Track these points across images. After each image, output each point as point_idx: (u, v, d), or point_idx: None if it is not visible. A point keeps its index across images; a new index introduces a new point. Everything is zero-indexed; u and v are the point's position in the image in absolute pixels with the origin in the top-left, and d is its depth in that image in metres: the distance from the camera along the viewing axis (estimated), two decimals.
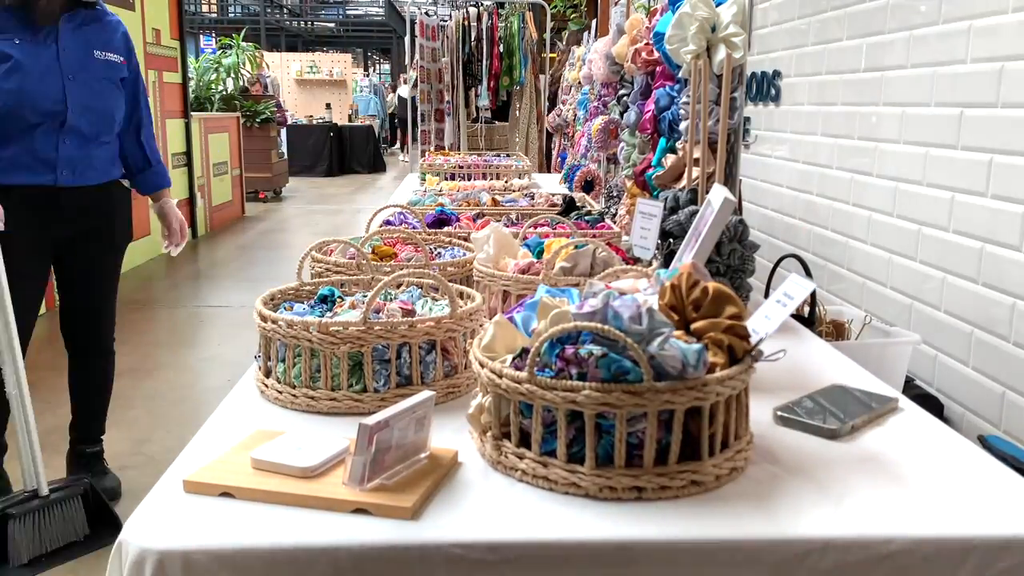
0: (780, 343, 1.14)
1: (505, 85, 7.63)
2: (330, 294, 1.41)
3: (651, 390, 0.93)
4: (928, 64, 2.51)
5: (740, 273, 1.66)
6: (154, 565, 0.87)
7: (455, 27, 7.31)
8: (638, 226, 1.74)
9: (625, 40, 2.48)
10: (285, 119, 12.75)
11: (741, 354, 1.03)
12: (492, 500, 0.98)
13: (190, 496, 0.98)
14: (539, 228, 2.01)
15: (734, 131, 1.75)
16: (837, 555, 0.90)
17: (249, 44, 11.34)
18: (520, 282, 1.54)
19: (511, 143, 7.78)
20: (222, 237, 7.88)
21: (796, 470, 1.06)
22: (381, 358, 1.24)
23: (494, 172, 3.99)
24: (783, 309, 1.11)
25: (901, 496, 1.00)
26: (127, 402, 3.61)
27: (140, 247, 6.48)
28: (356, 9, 23.30)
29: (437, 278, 1.33)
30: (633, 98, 2.43)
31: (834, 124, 3.10)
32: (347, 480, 0.96)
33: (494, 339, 1.09)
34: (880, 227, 2.76)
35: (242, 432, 1.13)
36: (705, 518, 0.94)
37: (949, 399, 2.40)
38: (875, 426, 1.21)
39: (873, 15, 2.83)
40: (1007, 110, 2.16)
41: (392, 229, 1.91)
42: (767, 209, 3.72)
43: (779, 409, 1.23)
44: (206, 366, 4.17)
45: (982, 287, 2.25)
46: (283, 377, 1.27)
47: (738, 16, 1.62)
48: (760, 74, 3.74)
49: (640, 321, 0.95)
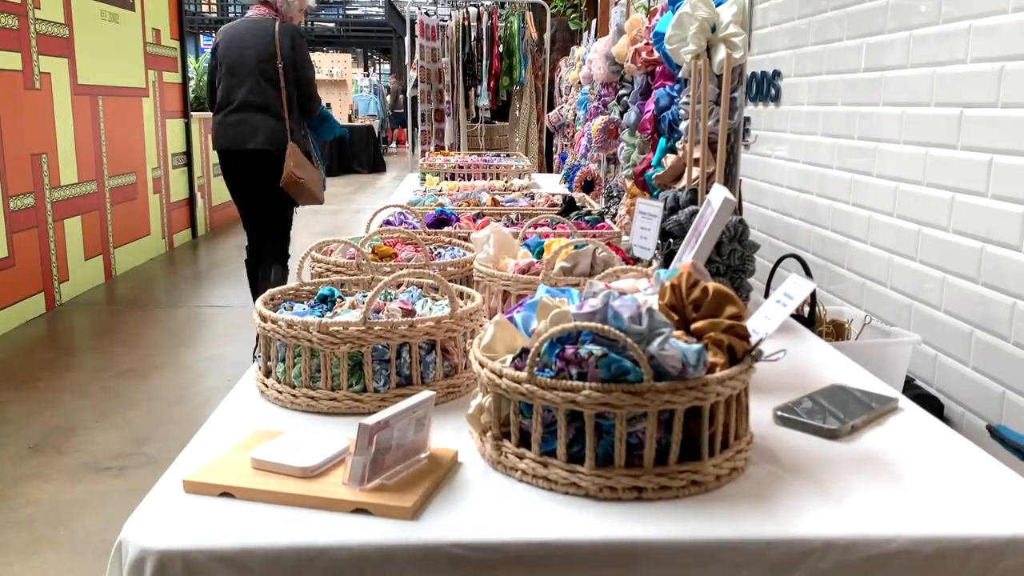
0: (780, 343, 1.14)
1: (505, 85, 7.63)
2: (330, 294, 1.41)
3: (651, 390, 0.93)
4: (928, 64, 2.51)
5: (740, 273, 1.66)
6: (154, 565, 0.87)
7: (455, 27, 7.31)
8: (638, 226, 1.74)
9: (625, 40, 2.48)
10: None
11: (741, 354, 1.03)
12: (492, 500, 0.97)
13: (190, 496, 0.98)
14: (539, 228, 2.01)
15: (734, 131, 1.75)
16: (837, 555, 0.90)
17: None
18: (520, 282, 1.54)
19: (511, 143, 7.78)
20: (222, 237, 7.88)
21: (796, 470, 1.06)
22: (381, 358, 1.24)
23: (494, 172, 3.99)
24: (783, 309, 1.11)
25: (901, 496, 1.00)
26: (127, 402, 3.61)
27: (140, 247, 6.49)
28: (356, 9, 23.29)
29: (437, 278, 1.33)
30: (633, 98, 2.43)
31: (834, 124, 3.10)
32: (347, 480, 0.96)
33: (494, 339, 1.09)
34: (880, 227, 2.76)
35: (242, 432, 1.13)
36: (705, 518, 0.94)
37: (949, 399, 2.40)
38: (875, 426, 1.21)
39: (873, 15, 2.83)
40: (1007, 110, 2.16)
41: (392, 229, 1.91)
42: (767, 209, 3.72)
43: (779, 409, 1.23)
44: (206, 366, 4.17)
45: (982, 287, 2.25)
46: (283, 377, 1.27)
47: (738, 16, 1.62)
48: (760, 74, 3.74)
49: (640, 321, 0.95)
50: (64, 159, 5.35)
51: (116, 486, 2.86)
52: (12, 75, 4.76)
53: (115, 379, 3.90)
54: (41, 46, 5.07)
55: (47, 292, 5.08)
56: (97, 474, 2.95)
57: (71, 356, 4.38)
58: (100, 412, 3.50)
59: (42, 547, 2.48)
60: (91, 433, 3.28)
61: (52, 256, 5.14)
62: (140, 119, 6.63)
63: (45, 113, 5.15)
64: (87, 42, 5.68)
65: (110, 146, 6.02)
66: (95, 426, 3.35)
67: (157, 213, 6.88)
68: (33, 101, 5.00)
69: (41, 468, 2.98)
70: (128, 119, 6.42)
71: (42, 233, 5.04)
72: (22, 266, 4.80)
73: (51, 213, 5.15)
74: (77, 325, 4.96)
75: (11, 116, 4.71)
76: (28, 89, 4.94)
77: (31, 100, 4.98)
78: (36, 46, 5.01)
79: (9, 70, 4.73)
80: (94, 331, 4.83)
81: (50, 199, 5.14)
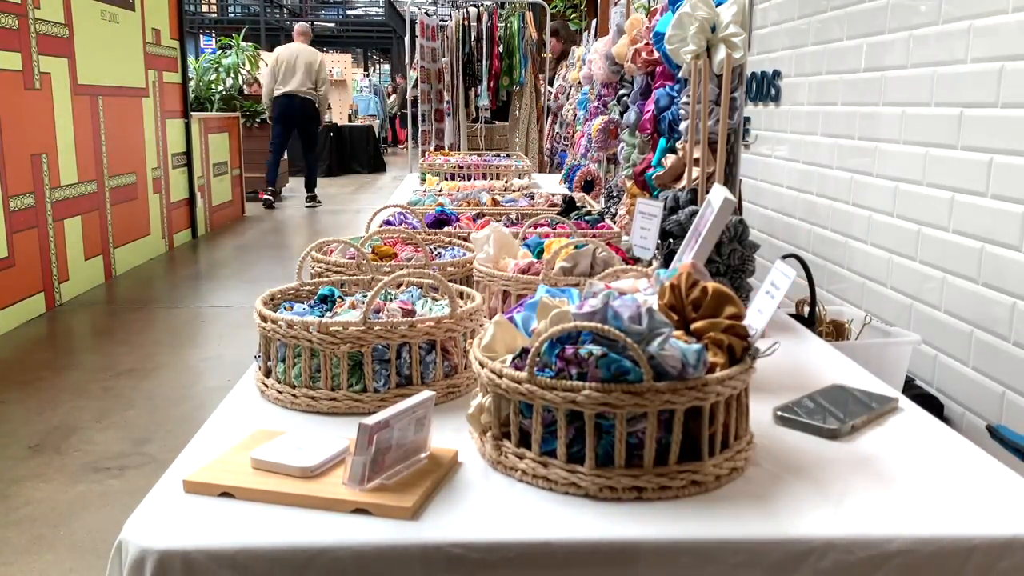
0: (780, 344, 1.15)
1: (505, 85, 7.63)
2: (330, 294, 1.41)
3: (651, 390, 0.93)
4: (928, 64, 2.51)
5: (740, 273, 1.66)
6: (154, 565, 0.87)
7: (455, 27, 7.31)
8: (638, 226, 1.74)
9: (625, 40, 2.48)
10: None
11: (741, 354, 1.03)
12: (492, 500, 0.97)
13: (190, 496, 0.98)
14: (539, 228, 2.01)
15: (734, 131, 1.75)
16: (837, 555, 0.90)
17: (249, 44, 11.35)
18: (520, 282, 1.54)
19: (511, 143, 7.78)
20: (222, 237, 7.88)
21: (796, 470, 1.06)
22: (381, 358, 1.24)
23: (494, 172, 3.99)
24: (772, 301, 1.12)
25: (901, 496, 1.00)
26: (127, 402, 3.61)
27: (140, 247, 6.49)
28: (356, 9, 23.30)
29: (437, 278, 1.33)
30: (633, 98, 2.43)
31: (834, 124, 3.10)
32: (347, 480, 0.96)
33: (494, 339, 1.09)
34: (880, 227, 2.76)
35: (242, 432, 1.13)
36: (705, 518, 0.94)
37: (949, 399, 2.40)
38: (875, 426, 1.21)
39: (873, 15, 2.83)
40: (1007, 110, 2.16)
41: (392, 229, 1.91)
42: (767, 209, 3.72)
43: (779, 409, 1.23)
44: (206, 366, 4.17)
45: (982, 287, 2.25)
46: (283, 377, 1.27)
47: (738, 16, 1.62)
48: (760, 74, 3.74)
49: (640, 321, 0.95)
50: (64, 159, 5.34)
51: (116, 486, 2.86)
52: (12, 75, 4.76)
53: (115, 379, 3.90)
54: (41, 46, 5.07)
55: (47, 292, 5.07)
56: (97, 474, 2.95)
57: (71, 356, 4.38)
58: (100, 412, 3.49)
59: (42, 547, 2.48)
60: (91, 433, 3.28)
61: (52, 256, 5.14)
62: (140, 119, 6.62)
63: (45, 113, 5.15)
64: (87, 42, 5.68)
65: (110, 146, 6.01)
66: (95, 426, 3.35)
67: (157, 213, 6.88)
68: (33, 101, 5.00)
69: (41, 468, 2.98)
70: (128, 119, 6.41)
71: (42, 233, 5.04)
72: (22, 266, 4.80)
73: (51, 213, 5.14)
74: (77, 325, 4.96)
75: (11, 116, 4.71)
76: (28, 89, 4.93)
77: (31, 100, 4.98)
78: (36, 46, 5.01)
79: (9, 70, 4.73)
80: (94, 331, 4.83)
81: (50, 199, 5.13)
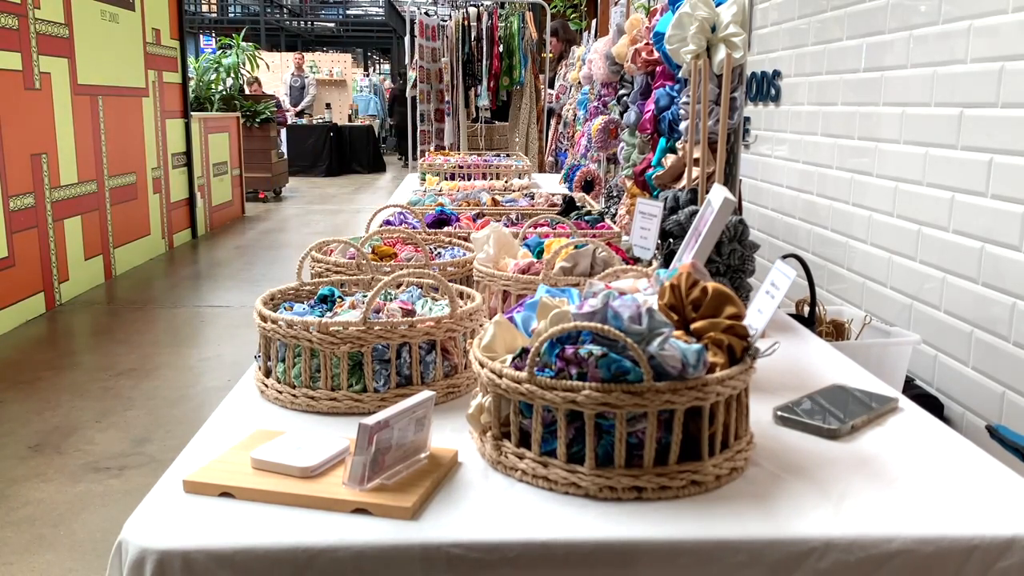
0: (780, 344, 1.15)
1: (505, 85, 7.62)
2: (330, 294, 1.41)
3: (651, 390, 0.93)
4: (928, 64, 2.51)
5: (740, 273, 1.66)
6: (154, 565, 0.87)
7: (455, 27, 7.31)
8: (638, 226, 1.74)
9: (625, 40, 2.48)
10: (285, 119, 12.75)
11: (741, 354, 1.03)
12: (492, 500, 0.97)
13: (190, 496, 0.98)
14: (539, 228, 2.01)
15: (734, 131, 1.75)
16: (837, 555, 0.90)
17: (249, 44, 11.34)
18: (520, 282, 1.53)
19: (511, 143, 7.78)
20: (222, 237, 7.88)
21: (796, 470, 1.06)
22: (381, 358, 1.24)
23: (494, 172, 3.99)
24: (772, 301, 1.12)
25: (901, 496, 1.00)
26: (127, 402, 3.61)
27: (140, 247, 6.49)
28: (356, 9, 23.30)
29: (437, 278, 1.33)
30: (633, 98, 2.43)
31: (834, 124, 3.10)
32: (347, 480, 0.96)
33: (494, 339, 1.09)
34: (880, 227, 2.76)
35: (242, 432, 1.13)
36: (705, 518, 0.94)
37: (949, 399, 2.40)
38: (875, 426, 1.21)
39: (873, 15, 2.83)
40: (1007, 110, 2.16)
41: (392, 229, 1.91)
42: (767, 209, 3.72)
43: (779, 409, 1.23)
44: (206, 366, 4.17)
45: (982, 287, 2.25)
46: (283, 377, 1.27)
47: (738, 16, 1.62)
48: (760, 74, 3.74)
49: (640, 321, 0.95)
50: (64, 159, 5.35)
51: (116, 486, 2.86)
52: (12, 75, 4.76)
53: (115, 379, 3.90)
54: (41, 46, 5.07)
55: (47, 292, 5.08)
56: (97, 474, 2.95)
57: (71, 356, 4.37)
58: (100, 412, 3.50)
59: (42, 547, 2.48)
60: (91, 433, 3.28)
61: (52, 256, 5.14)
62: (140, 119, 6.63)
63: (45, 113, 5.15)
64: (87, 42, 5.68)
65: (110, 146, 6.02)
66: (95, 426, 3.35)
67: (157, 213, 6.88)
68: (33, 101, 5.00)
69: (41, 468, 2.98)
70: (128, 119, 6.41)
71: (42, 233, 5.04)
72: (22, 266, 4.80)
73: (51, 213, 5.15)
74: (77, 325, 4.96)
75: (11, 116, 4.71)
76: (28, 89, 4.94)
77: (31, 100, 4.98)
78: (36, 46, 5.01)
79: (9, 70, 4.73)
80: (94, 331, 4.83)
81: (50, 199, 5.14)
